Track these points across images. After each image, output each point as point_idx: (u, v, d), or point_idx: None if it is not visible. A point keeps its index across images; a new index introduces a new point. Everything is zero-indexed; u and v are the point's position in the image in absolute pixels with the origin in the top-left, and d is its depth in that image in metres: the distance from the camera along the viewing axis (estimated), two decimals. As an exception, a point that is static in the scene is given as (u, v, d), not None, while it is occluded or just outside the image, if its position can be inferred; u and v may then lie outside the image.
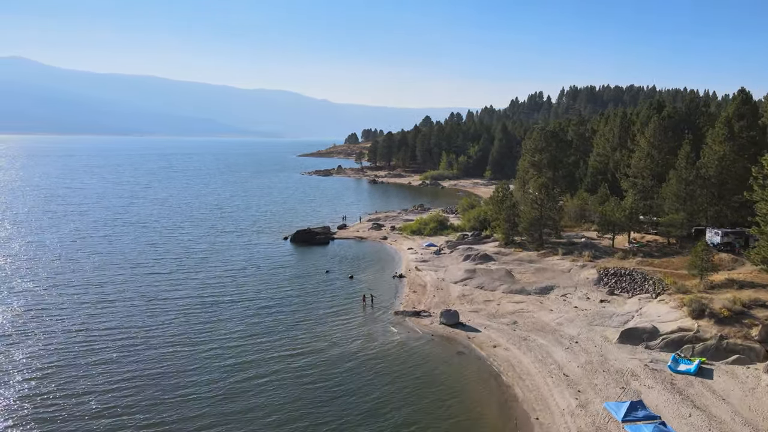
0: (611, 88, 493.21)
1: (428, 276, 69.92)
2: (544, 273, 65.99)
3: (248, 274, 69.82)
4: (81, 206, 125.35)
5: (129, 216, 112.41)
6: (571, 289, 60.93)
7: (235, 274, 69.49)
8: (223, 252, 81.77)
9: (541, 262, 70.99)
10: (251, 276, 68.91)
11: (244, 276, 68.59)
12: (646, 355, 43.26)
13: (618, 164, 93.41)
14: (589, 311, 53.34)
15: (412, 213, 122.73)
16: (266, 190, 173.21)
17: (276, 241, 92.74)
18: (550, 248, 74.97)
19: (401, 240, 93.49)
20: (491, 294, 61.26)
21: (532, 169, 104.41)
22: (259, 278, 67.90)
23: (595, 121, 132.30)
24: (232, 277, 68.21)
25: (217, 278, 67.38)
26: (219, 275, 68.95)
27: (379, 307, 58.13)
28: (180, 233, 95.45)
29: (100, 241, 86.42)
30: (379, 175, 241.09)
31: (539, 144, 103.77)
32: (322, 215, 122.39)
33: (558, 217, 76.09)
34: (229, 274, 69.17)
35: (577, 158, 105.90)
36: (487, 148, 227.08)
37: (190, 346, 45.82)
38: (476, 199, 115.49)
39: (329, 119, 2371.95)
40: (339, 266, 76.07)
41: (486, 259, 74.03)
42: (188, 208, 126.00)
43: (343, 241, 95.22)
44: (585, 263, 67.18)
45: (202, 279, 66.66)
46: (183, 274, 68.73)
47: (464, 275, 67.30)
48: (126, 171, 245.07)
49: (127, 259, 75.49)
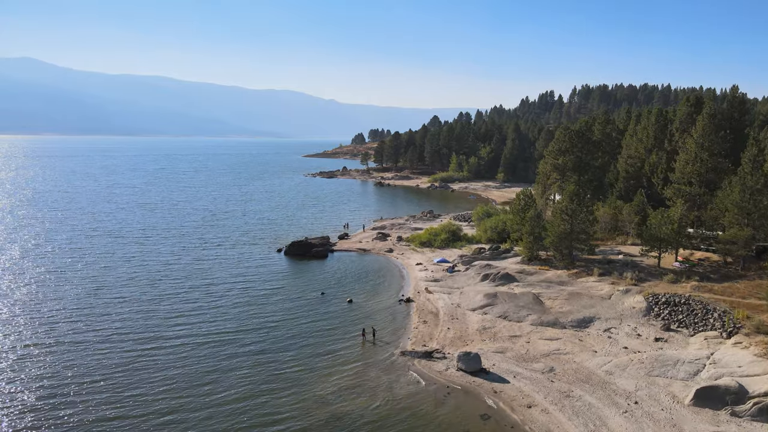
0: (624, 87, 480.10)
1: (441, 301, 59.44)
2: (580, 299, 55.25)
3: (230, 301, 59.55)
4: (61, 212, 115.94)
5: (110, 224, 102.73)
6: (615, 322, 50.19)
7: (215, 301, 59.21)
8: (207, 270, 71.63)
9: (574, 285, 60.26)
10: (234, 303, 58.66)
11: (226, 303, 58.32)
12: (735, 427, 32.55)
13: (655, 168, 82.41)
14: (645, 355, 42.55)
15: (420, 220, 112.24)
16: (266, 194, 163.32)
17: (269, 254, 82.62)
18: (583, 267, 64.22)
19: (409, 253, 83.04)
20: (518, 326, 50.65)
21: (555, 173, 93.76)
22: (242, 307, 57.63)
23: (621, 120, 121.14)
24: (210, 305, 57.96)
25: (191, 307, 57.19)
26: (195, 302, 58.79)
27: (382, 343, 47.84)
28: (162, 245, 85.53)
29: (64, 257, 76.40)
30: (386, 177, 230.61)
31: (563, 145, 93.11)
32: (322, 222, 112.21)
33: (592, 230, 65.21)
34: (207, 301, 58.94)
35: (604, 161, 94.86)
36: (499, 149, 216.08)
37: (134, 419, 35.58)
38: (493, 207, 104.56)
39: (337, 119, 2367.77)
40: (336, 287, 65.75)
41: (508, 280, 63.44)
42: (178, 215, 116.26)
43: (343, 253, 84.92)
44: (628, 287, 56.36)
45: (172, 309, 56.38)
46: (151, 303, 58.53)
47: (483, 301, 56.73)
48: (123, 173, 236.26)
49: (90, 280, 65.51)
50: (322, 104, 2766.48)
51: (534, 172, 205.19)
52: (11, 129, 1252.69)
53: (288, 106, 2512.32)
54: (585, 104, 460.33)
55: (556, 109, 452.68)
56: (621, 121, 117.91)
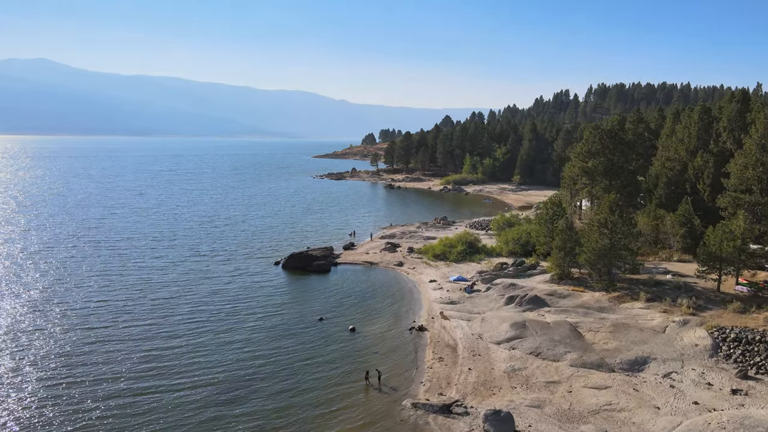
0: (642, 86, 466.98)
1: (459, 329, 50.58)
2: (627, 332, 46.01)
3: (215, 327, 51.18)
4: (48, 217, 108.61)
5: (97, 232, 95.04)
6: (676, 364, 40.93)
7: (197, 329, 50.78)
8: (194, 288, 63.29)
9: (617, 312, 51.00)
10: (219, 331, 50.26)
11: (206, 340, 49.56)
12: None
13: (700, 172, 72.75)
14: (724, 416, 33.28)
15: (433, 228, 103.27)
16: (270, 198, 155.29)
17: (265, 267, 74.25)
18: (626, 289, 54.92)
19: (421, 267, 74.18)
20: (554, 368, 41.61)
21: (584, 177, 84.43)
22: (229, 336, 49.17)
23: (653, 118, 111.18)
24: (190, 333, 49.60)
25: (167, 336, 48.89)
26: (173, 328, 50.49)
27: (389, 389, 39.14)
28: (150, 258, 77.49)
29: (35, 271, 68.63)
30: (396, 179, 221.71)
31: (593, 146, 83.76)
32: (327, 230, 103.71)
33: (636, 247, 55.77)
34: (187, 329, 50.56)
35: (639, 164, 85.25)
36: (514, 150, 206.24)
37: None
38: (515, 216, 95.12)
39: (348, 119, 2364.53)
40: (338, 310, 57.11)
41: (537, 304, 54.40)
42: (174, 221, 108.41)
43: (348, 267, 76.32)
44: (685, 318, 47.03)
45: (146, 339, 48.18)
46: (124, 329, 50.34)
47: (510, 332, 47.73)
48: (125, 174, 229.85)
49: (56, 299, 57.58)
50: (333, 104, 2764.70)
51: (552, 174, 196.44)
52: (26, 129, 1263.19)
53: (299, 106, 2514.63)
54: (601, 103, 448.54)
55: (571, 108, 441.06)
56: (653, 120, 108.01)
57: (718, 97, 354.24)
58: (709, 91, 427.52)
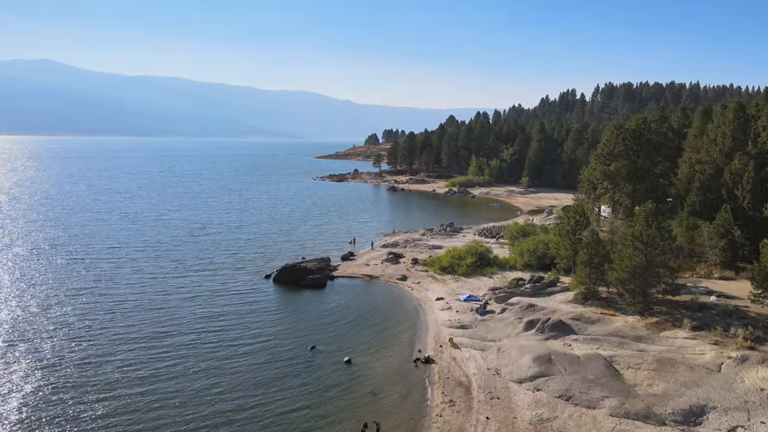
0: (650, 85, 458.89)
1: (472, 362, 43.33)
2: (674, 371, 38.59)
3: (186, 368, 43.97)
4: (26, 224, 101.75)
5: (75, 241, 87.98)
6: (741, 416, 33.51)
7: (163, 371, 43.71)
8: (174, 309, 56.04)
9: (658, 342, 43.58)
10: (190, 373, 43.10)
11: (178, 376, 42.75)
12: None
13: (738, 177, 65.25)
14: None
15: (438, 235, 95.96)
16: (268, 201, 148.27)
17: (255, 282, 67.17)
18: (665, 313, 47.47)
19: (427, 282, 66.92)
20: (591, 417, 34.28)
21: (606, 182, 77.08)
22: (201, 381, 41.99)
23: (675, 117, 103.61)
24: (153, 377, 42.55)
25: (123, 382, 41.85)
26: (133, 368, 43.41)
27: (389, 447, 31.91)
28: (128, 272, 70.40)
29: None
30: (399, 181, 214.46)
31: (616, 147, 76.39)
32: (326, 237, 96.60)
33: (676, 264, 48.30)
34: (151, 371, 43.52)
35: (665, 167, 77.79)
36: (522, 151, 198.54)
37: None
38: (530, 224, 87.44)
39: (352, 120, 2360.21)
40: (332, 335, 49.94)
41: (562, 331, 47.07)
42: (163, 228, 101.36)
43: (346, 281, 69.17)
44: (743, 352, 39.59)
45: (95, 387, 41.17)
46: (70, 369, 43.41)
47: (533, 367, 40.43)
48: (121, 175, 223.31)
49: (9, 323, 50.63)
50: (336, 105, 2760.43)
51: (562, 177, 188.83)
52: (29, 130, 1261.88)
53: (303, 106, 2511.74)
54: (609, 103, 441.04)
55: (578, 108, 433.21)
56: (675, 119, 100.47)
57: (729, 96, 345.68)
58: (719, 90, 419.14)
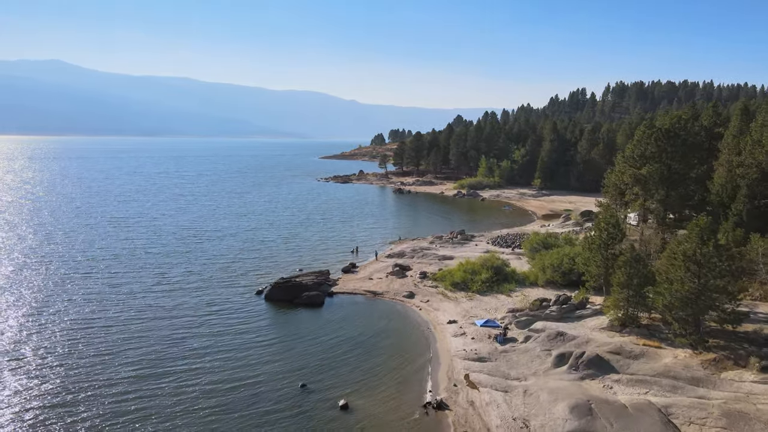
0: (662, 84, 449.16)
1: (494, 408, 35.92)
2: (748, 428, 31.02)
3: (154, 410, 37.03)
4: (9, 229, 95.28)
5: (54, 249, 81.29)
6: None
7: (128, 413, 36.74)
8: (146, 335, 49.00)
9: (720, 386, 35.97)
10: (159, 418, 36.09)
11: (145, 416, 35.75)
12: None
13: (791, 182, 57.38)
14: None
15: (448, 243, 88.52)
16: (268, 205, 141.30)
17: (246, 299, 60.10)
18: (723, 348, 39.85)
19: (437, 301, 59.51)
20: (650, 496, 26.73)
21: (636, 187, 69.31)
22: (167, 419, 35.00)
23: (706, 116, 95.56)
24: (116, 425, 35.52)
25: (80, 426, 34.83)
26: (93, 411, 36.38)
27: None
28: (105, 286, 63.57)
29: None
30: (406, 183, 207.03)
31: (648, 149, 68.59)
32: (326, 246, 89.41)
33: (736, 289, 40.61)
34: (115, 412, 36.51)
35: (702, 170, 69.96)
36: (533, 152, 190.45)
37: None
38: (553, 235, 79.58)
39: (358, 120, 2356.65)
40: (327, 367, 42.70)
41: (600, 368, 39.54)
42: (153, 236, 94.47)
43: (346, 298, 61.93)
44: (832, 405, 31.94)
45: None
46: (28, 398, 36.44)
47: (570, 420, 32.96)
48: (119, 177, 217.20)
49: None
50: (343, 105, 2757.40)
51: (576, 179, 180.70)
52: (35, 130, 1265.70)
53: (309, 106, 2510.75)
54: (620, 102, 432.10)
55: (588, 107, 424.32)
56: (706, 118, 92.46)
57: (744, 95, 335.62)
58: (734, 89, 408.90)
